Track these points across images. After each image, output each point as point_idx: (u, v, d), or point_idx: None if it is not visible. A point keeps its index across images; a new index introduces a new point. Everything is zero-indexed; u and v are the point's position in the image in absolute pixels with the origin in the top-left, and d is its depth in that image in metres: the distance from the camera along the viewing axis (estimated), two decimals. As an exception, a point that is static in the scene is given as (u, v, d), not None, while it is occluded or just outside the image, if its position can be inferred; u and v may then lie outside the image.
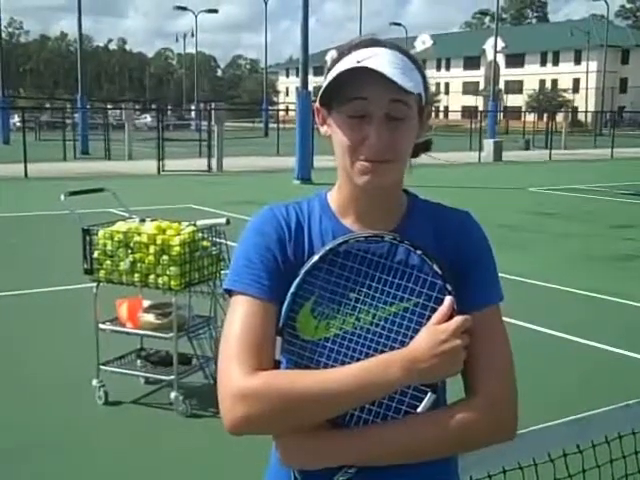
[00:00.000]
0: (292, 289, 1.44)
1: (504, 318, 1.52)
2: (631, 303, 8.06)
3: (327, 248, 1.45)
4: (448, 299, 1.42)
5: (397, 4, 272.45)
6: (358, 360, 1.41)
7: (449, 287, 1.43)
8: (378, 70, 1.36)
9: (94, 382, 5.13)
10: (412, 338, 1.41)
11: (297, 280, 1.44)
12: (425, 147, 1.57)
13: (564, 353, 6.50)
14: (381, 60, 1.39)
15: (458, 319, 1.39)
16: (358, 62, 1.39)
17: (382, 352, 1.41)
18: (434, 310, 1.42)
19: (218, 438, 1.47)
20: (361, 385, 1.36)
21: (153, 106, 64.67)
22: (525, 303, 7.54)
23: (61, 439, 4.69)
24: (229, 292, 1.49)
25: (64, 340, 6.52)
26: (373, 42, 1.46)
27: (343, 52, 1.47)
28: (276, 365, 1.43)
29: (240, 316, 1.44)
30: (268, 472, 1.55)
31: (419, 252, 1.44)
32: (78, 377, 5.42)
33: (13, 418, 4.95)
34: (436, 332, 1.38)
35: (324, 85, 1.44)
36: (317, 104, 1.50)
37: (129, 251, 4.83)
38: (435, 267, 1.43)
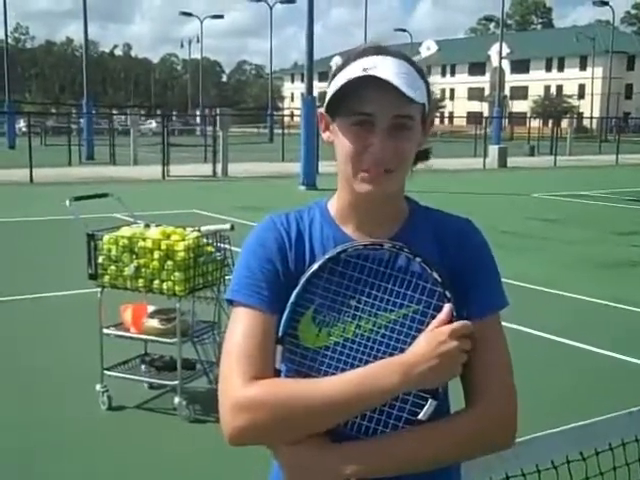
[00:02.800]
0: (292, 298, 1.45)
1: (506, 323, 1.52)
2: (634, 309, 8.04)
3: (326, 257, 1.46)
4: (447, 306, 1.42)
5: (403, 10, 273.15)
6: (358, 367, 1.41)
7: (448, 294, 1.43)
8: (385, 79, 1.37)
9: (98, 387, 5.13)
10: (412, 345, 1.41)
11: (297, 289, 1.45)
12: (424, 156, 1.57)
13: (564, 358, 6.49)
14: (387, 69, 1.40)
15: (456, 323, 1.40)
16: (364, 70, 1.39)
17: (382, 359, 1.42)
18: (433, 317, 1.43)
19: (221, 443, 1.46)
20: (360, 392, 1.36)
21: (158, 111, 64.84)
22: (528, 309, 7.53)
23: (64, 443, 4.69)
24: (231, 302, 1.50)
25: (68, 345, 6.52)
26: (379, 50, 1.46)
27: (348, 59, 1.47)
28: (276, 374, 1.43)
29: (240, 327, 1.45)
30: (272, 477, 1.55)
31: (418, 260, 1.44)
32: (82, 382, 5.42)
33: (16, 421, 4.96)
34: (433, 336, 1.39)
35: (330, 93, 1.44)
36: (321, 110, 1.50)
37: (134, 256, 4.84)
38: (434, 274, 1.44)
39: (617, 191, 20.54)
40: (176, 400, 4.99)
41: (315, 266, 1.46)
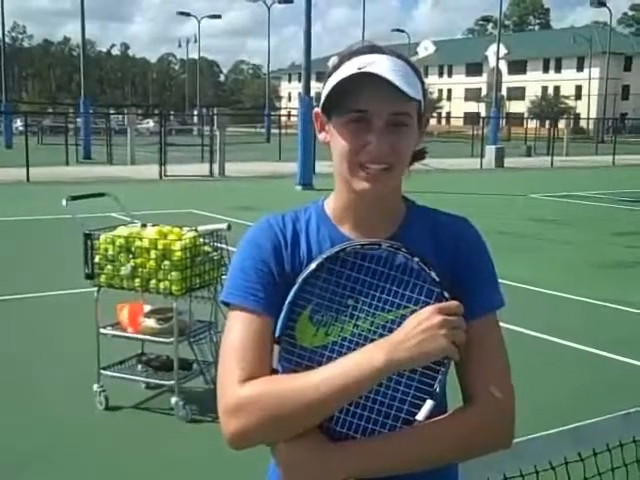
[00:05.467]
0: (289, 298, 1.44)
1: (502, 324, 1.52)
2: (631, 310, 8.04)
3: (324, 256, 1.45)
4: (452, 303, 1.41)
5: (401, 11, 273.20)
6: None
7: (446, 294, 1.42)
8: (380, 75, 1.36)
9: (95, 387, 5.12)
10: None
11: (294, 289, 1.44)
12: (420, 156, 1.56)
13: (563, 359, 6.49)
14: (382, 66, 1.39)
15: (443, 303, 1.39)
16: (359, 69, 1.39)
17: None
18: None
19: (219, 443, 1.47)
20: (348, 377, 1.34)
21: (155, 111, 64.81)
22: (524, 309, 7.53)
23: (61, 444, 4.68)
24: (226, 304, 1.49)
25: (64, 344, 6.51)
26: (372, 49, 1.46)
27: (343, 58, 1.46)
28: (273, 374, 1.42)
29: (236, 330, 1.45)
30: (269, 477, 1.54)
31: (416, 259, 1.44)
32: (79, 382, 5.42)
33: (13, 422, 4.95)
34: (417, 315, 1.39)
35: (325, 92, 1.43)
36: (317, 109, 1.49)
37: (130, 256, 4.83)
38: (432, 274, 1.43)
39: (613, 192, 20.56)
40: (173, 400, 4.98)
41: (312, 265, 1.45)
